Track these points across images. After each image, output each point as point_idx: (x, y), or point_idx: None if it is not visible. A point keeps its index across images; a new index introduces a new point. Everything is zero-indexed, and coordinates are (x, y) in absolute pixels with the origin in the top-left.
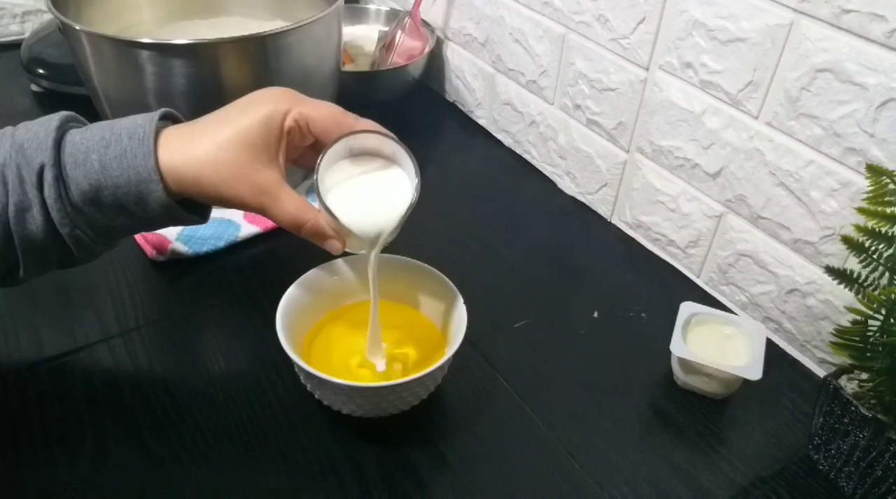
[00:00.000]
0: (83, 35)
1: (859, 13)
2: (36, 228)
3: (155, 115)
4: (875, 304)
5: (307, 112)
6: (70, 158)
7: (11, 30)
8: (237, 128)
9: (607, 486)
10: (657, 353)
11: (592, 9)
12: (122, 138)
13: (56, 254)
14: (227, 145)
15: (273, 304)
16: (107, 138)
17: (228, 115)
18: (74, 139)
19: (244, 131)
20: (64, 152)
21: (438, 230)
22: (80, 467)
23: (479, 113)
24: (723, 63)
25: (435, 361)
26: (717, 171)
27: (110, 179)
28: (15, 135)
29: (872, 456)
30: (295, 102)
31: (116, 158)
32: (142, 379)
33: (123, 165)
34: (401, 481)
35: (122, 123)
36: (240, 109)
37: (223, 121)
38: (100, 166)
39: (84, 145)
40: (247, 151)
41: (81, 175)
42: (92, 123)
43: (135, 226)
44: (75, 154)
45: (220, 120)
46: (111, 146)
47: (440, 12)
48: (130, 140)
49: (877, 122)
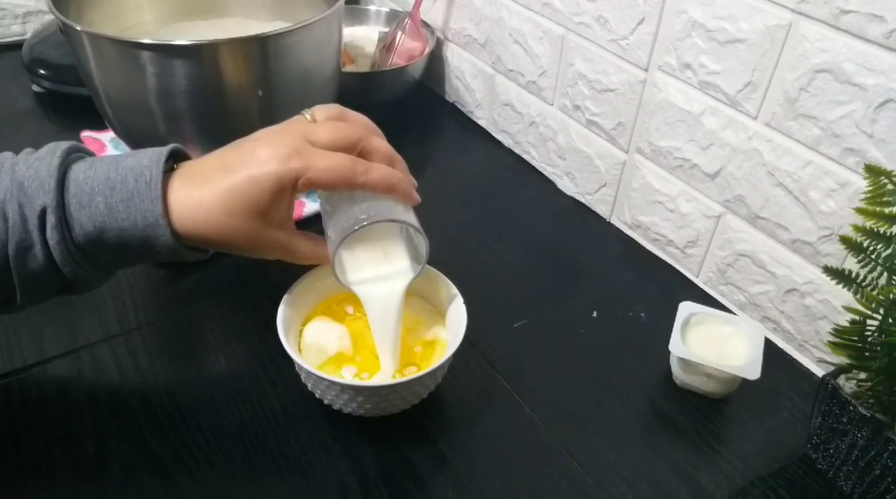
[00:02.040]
0: (84, 36)
1: (858, 14)
2: (37, 266)
3: (161, 155)
4: (873, 304)
5: (316, 177)
6: (74, 198)
7: (13, 30)
8: (247, 198)
9: (606, 485)
10: (656, 353)
11: (592, 10)
12: (128, 181)
13: (55, 286)
14: (238, 214)
15: (273, 304)
16: (112, 179)
17: (238, 174)
18: (78, 178)
19: (254, 202)
20: (68, 192)
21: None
22: (82, 467)
23: (478, 113)
24: (721, 64)
25: (435, 360)
26: (715, 171)
27: (115, 222)
28: (15, 170)
29: (871, 455)
30: (304, 164)
31: (123, 201)
32: (143, 379)
33: (130, 209)
34: (401, 481)
35: (127, 163)
36: (248, 173)
37: (232, 185)
38: (105, 209)
39: (89, 186)
40: (259, 220)
41: (86, 217)
42: (96, 158)
43: (136, 262)
44: (80, 194)
45: (229, 176)
46: (117, 188)
47: (440, 13)
48: (137, 183)
49: (875, 123)
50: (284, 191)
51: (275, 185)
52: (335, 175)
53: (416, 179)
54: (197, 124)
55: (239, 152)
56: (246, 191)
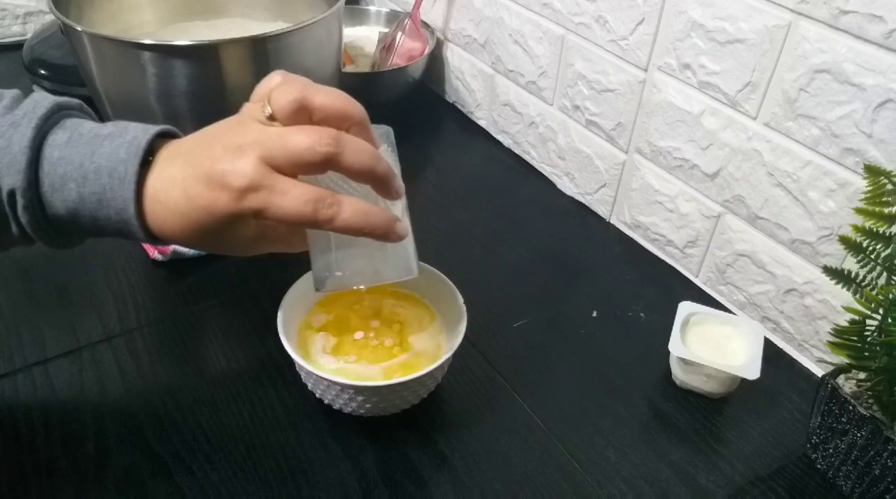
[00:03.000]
0: (85, 36)
1: (857, 14)
2: (7, 239)
3: (140, 147)
4: (873, 303)
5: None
6: (47, 178)
7: (13, 31)
8: (201, 225)
9: (606, 485)
10: (656, 352)
11: (591, 10)
12: (101, 174)
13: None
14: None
15: (273, 304)
16: (86, 168)
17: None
18: (53, 156)
19: (210, 229)
20: (41, 170)
21: (438, 230)
22: (82, 467)
23: (478, 114)
24: (721, 64)
25: (435, 360)
26: (715, 171)
27: (88, 211)
28: None
29: (870, 455)
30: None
31: (95, 194)
32: (143, 378)
33: (103, 203)
34: (401, 481)
35: (104, 150)
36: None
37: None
38: (78, 198)
39: (62, 169)
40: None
41: (59, 201)
42: (77, 127)
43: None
44: (52, 176)
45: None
46: (89, 180)
47: (440, 14)
48: (111, 179)
49: (875, 123)
50: (243, 221)
51: (230, 219)
52: (295, 217)
53: (416, 179)
54: (197, 125)
55: (205, 159)
56: (199, 220)
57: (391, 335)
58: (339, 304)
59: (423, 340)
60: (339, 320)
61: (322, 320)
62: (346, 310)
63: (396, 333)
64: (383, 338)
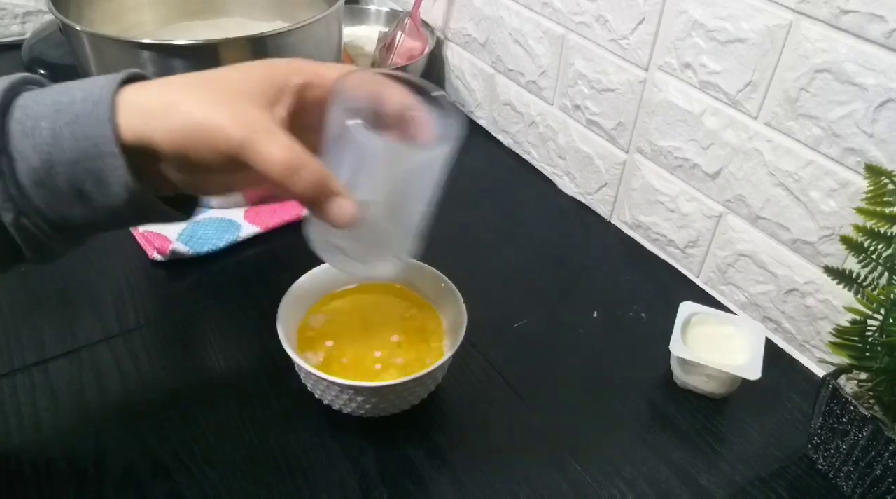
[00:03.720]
0: (84, 36)
1: (858, 14)
2: None
3: (119, 74)
4: (874, 304)
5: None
6: (18, 125)
7: (12, 30)
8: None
9: (606, 485)
10: (656, 352)
11: (592, 9)
12: (75, 101)
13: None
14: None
15: (273, 304)
16: (59, 101)
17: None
18: (27, 103)
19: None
20: (11, 118)
21: (438, 230)
22: (81, 467)
23: (479, 113)
24: (722, 63)
25: (435, 360)
26: (716, 171)
27: (63, 153)
28: None
29: (871, 456)
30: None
31: (68, 124)
32: (143, 379)
33: (77, 134)
34: (401, 481)
35: (81, 83)
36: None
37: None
38: (51, 136)
39: (35, 110)
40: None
41: (30, 147)
42: (45, 86)
43: (98, 219)
44: (24, 121)
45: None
46: (63, 110)
47: (440, 13)
48: (84, 103)
49: (876, 123)
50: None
51: (219, 144)
52: (269, 171)
53: None
54: None
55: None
56: (191, 134)
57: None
58: (339, 304)
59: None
60: (338, 321)
61: (321, 321)
62: (346, 310)
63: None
64: (395, 358)
